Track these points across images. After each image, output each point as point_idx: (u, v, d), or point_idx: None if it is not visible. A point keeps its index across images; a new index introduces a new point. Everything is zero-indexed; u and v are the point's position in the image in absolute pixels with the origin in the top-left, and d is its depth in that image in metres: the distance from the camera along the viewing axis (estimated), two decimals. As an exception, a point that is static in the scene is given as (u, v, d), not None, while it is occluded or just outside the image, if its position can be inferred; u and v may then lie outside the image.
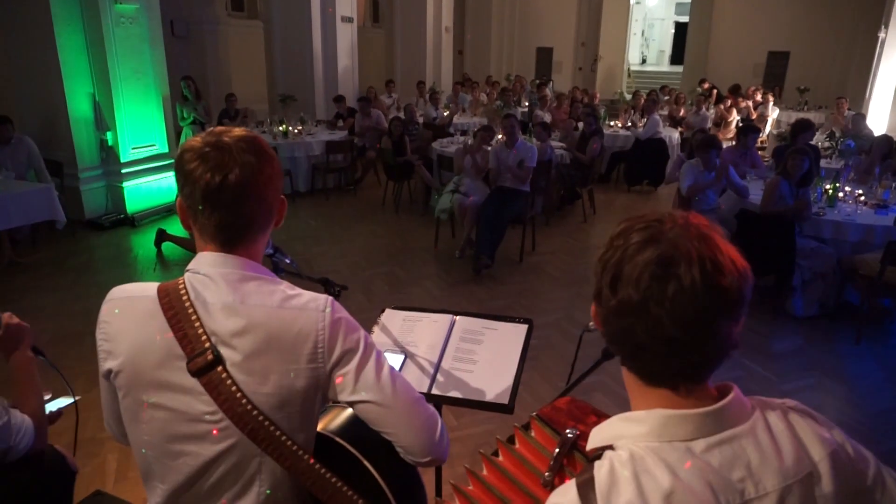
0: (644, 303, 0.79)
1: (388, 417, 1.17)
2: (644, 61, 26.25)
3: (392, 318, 1.94)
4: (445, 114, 10.28)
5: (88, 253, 6.17)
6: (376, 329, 1.92)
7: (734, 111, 11.63)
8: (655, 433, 0.82)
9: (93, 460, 3.03)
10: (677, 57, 24.50)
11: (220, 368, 1.11)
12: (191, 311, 1.13)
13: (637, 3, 21.88)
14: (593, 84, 17.45)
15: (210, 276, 1.14)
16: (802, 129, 6.13)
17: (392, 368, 1.21)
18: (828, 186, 5.43)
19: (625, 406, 0.90)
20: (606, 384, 3.77)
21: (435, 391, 1.71)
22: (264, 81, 12.13)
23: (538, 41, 19.12)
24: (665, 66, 25.08)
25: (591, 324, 1.47)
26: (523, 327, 1.82)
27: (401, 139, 7.79)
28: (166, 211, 7.38)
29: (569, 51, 18.93)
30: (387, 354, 1.81)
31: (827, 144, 7.84)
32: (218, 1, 11.26)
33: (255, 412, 1.11)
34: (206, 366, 1.10)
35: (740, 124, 10.93)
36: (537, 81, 14.19)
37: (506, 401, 1.65)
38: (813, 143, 6.65)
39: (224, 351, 1.11)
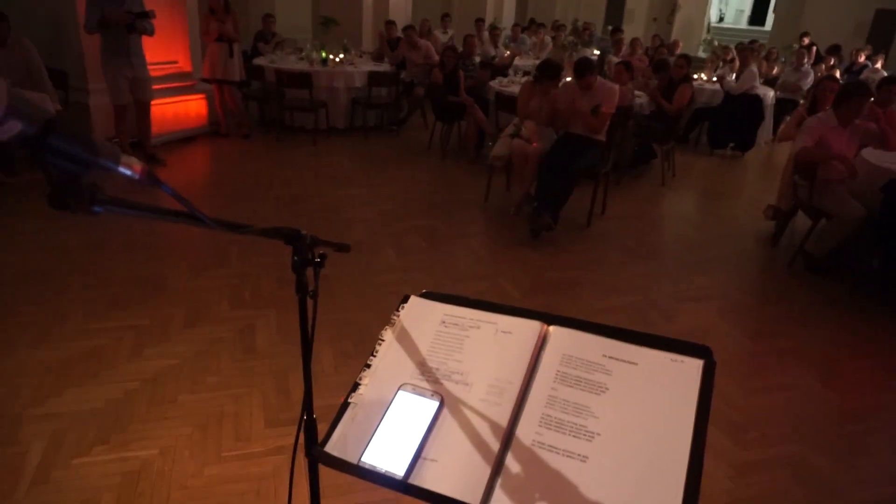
0: None
1: None
2: (721, 20, 23.96)
3: (422, 316, 0.99)
4: (507, 53, 9.12)
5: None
6: (388, 335, 0.99)
7: (837, 73, 10.09)
8: None
9: (7, 449, 2.25)
10: (756, 18, 22.35)
11: None
12: None
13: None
14: (668, 38, 15.79)
15: None
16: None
17: None
18: None
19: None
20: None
21: (499, 500, 0.77)
22: (309, 6, 11.08)
23: (610, -14, 17.45)
24: (743, 26, 22.83)
25: None
26: (695, 365, 0.86)
27: (454, 73, 6.72)
28: (187, 138, 6.59)
29: (644, -2, 17.21)
30: (403, 394, 0.89)
31: None
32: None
33: None
34: None
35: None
36: (610, 28, 12.77)
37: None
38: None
39: None
